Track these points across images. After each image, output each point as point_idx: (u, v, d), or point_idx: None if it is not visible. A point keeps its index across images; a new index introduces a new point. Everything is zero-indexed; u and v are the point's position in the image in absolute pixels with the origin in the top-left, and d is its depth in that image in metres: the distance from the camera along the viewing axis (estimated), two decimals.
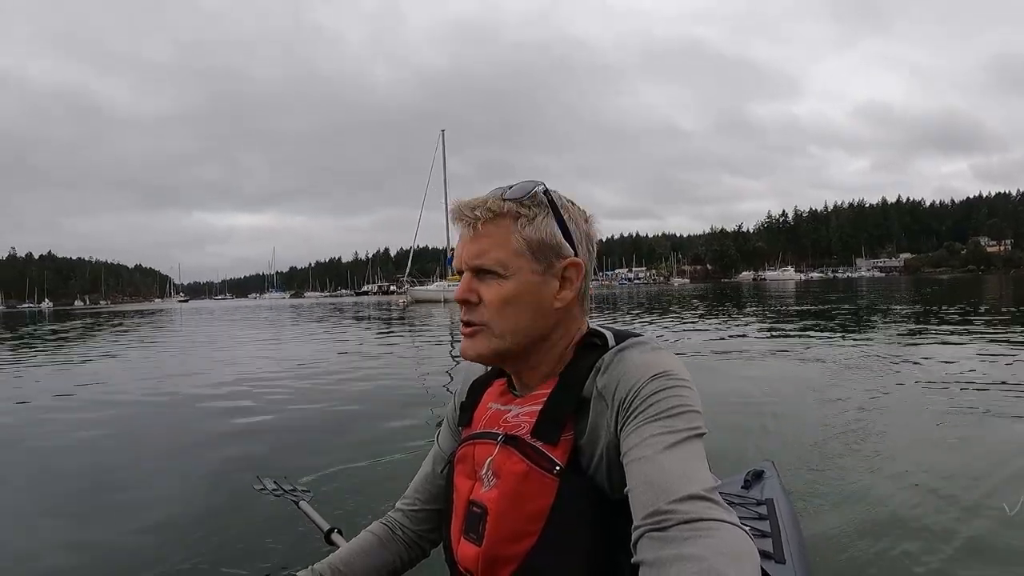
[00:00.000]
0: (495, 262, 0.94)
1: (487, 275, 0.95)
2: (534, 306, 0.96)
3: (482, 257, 0.95)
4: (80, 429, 4.61)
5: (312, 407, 5.22)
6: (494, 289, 0.95)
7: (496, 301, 0.95)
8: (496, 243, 0.95)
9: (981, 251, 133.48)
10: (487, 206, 0.95)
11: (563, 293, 0.97)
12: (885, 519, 2.48)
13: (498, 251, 0.94)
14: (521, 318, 0.96)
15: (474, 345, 0.98)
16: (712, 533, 0.70)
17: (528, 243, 0.95)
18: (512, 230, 0.95)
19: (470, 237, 0.97)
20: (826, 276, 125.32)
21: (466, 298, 0.97)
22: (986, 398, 4.69)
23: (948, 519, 2.47)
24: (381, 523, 1.20)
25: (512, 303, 0.95)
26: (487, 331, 0.96)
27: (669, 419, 0.83)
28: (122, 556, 2.37)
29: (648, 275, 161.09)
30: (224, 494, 3.01)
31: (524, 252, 0.95)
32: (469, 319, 0.98)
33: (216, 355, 10.45)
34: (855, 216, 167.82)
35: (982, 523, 2.41)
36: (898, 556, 2.18)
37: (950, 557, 2.17)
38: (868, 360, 6.84)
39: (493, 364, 1.04)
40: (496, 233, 0.95)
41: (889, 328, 10.78)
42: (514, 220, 0.95)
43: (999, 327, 10.11)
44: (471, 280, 0.97)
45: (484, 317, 0.96)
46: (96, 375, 8.02)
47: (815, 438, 3.61)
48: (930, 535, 2.33)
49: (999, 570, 2.10)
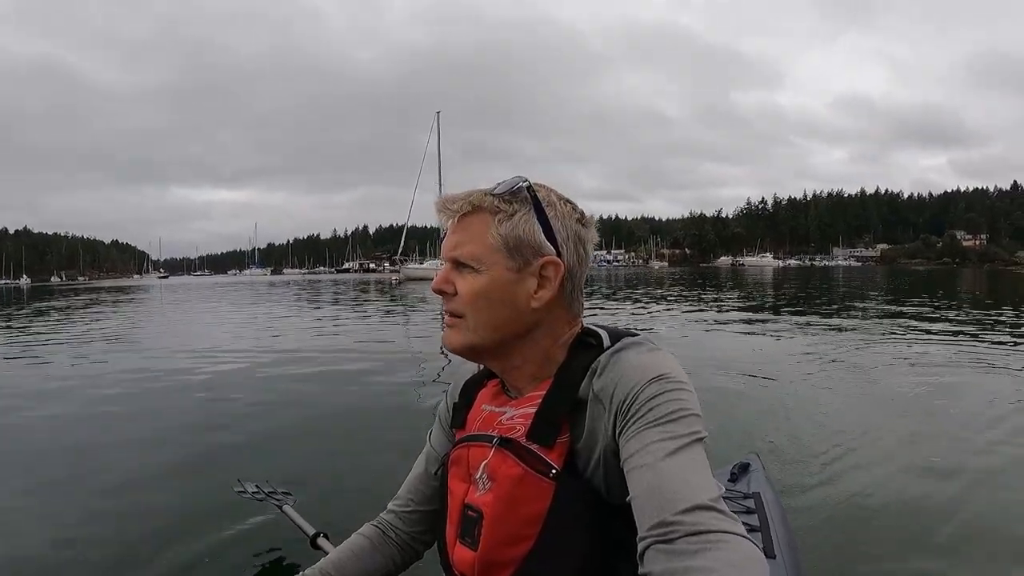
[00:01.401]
0: (469, 255, 0.94)
1: (463, 267, 0.95)
2: (508, 303, 0.94)
3: (458, 249, 0.95)
4: (53, 423, 4.44)
5: (294, 402, 4.94)
6: (468, 282, 0.95)
7: (468, 294, 0.95)
8: (472, 237, 0.95)
9: (957, 245, 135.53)
10: (469, 200, 0.95)
11: (540, 292, 0.95)
12: (870, 510, 2.50)
13: (473, 245, 0.94)
14: (494, 314, 0.94)
15: (451, 336, 0.98)
16: (720, 546, 0.69)
17: (504, 239, 0.94)
18: (489, 224, 0.94)
19: (451, 229, 0.97)
20: (803, 264, 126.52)
21: (441, 288, 0.97)
22: (961, 381, 4.83)
23: (934, 506, 2.52)
24: (372, 525, 1.17)
25: (484, 297, 0.94)
26: (463, 324, 0.96)
27: (669, 424, 0.82)
28: (89, 569, 2.22)
29: (627, 258, 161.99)
30: (202, 499, 2.81)
31: (500, 248, 0.94)
32: (449, 309, 0.98)
33: (199, 340, 9.96)
34: (833, 205, 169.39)
35: (969, 509, 2.47)
36: (885, 548, 2.20)
37: (938, 545, 2.21)
38: (848, 348, 6.94)
39: (469, 359, 1.04)
40: (473, 227, 0.95)
41: (870, 316, 10.93)
42: (492, 215, 0.94)
43: (978, 318, 10.30)
44: (449, 271, 0.97)
45: (458, 308, 0.96)
46: (66, 363, 7.65)
47: (796, 429, 3.65)
48: (916, 525, 2.37)
49: (985, 556, 2.15)
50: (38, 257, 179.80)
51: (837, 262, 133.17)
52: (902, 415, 3.91)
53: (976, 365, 5.72)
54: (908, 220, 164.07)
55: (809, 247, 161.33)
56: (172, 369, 6.53)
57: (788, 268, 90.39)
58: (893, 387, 4.72)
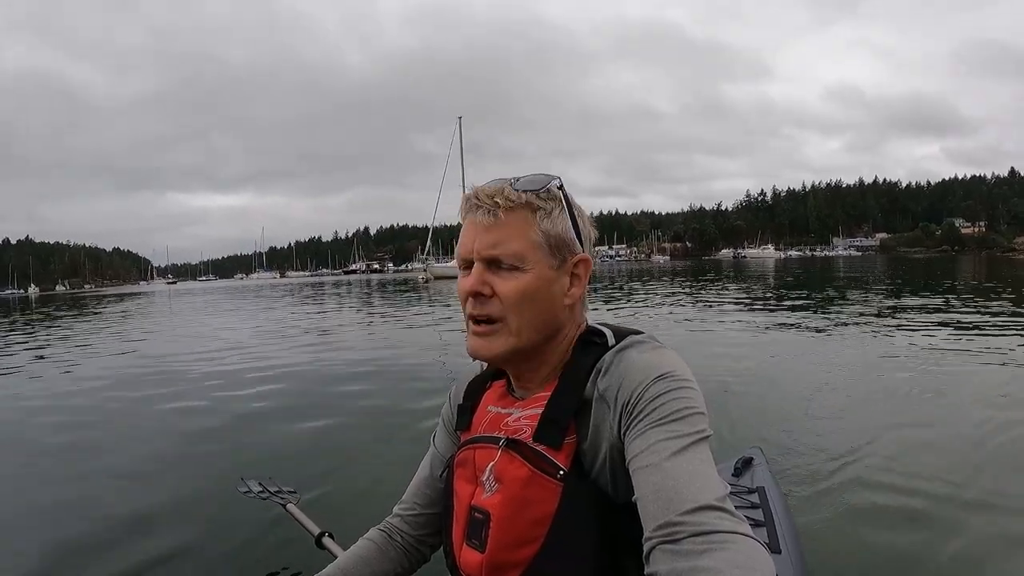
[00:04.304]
0: (513, 254, 0.91)
1: (502, 267, 0.92)
2: (549, 303, 0.94)
3: (499, 247, 0.91)
4: (57, 423, 4.47)
5: (300, 401, 4.90)
6: (511, 283, 0.91)
7: (513, 295, 0.91)
8: (514, 234, 0.91)
9: (955, 232, 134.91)
10: (505, 195, 0.91)
11: (572, 290, 0.96)
12: (874, 504, 2.50)
13: (516, 243, 0.91)
14: (537, 315, 0.93)
15: (490, 344, 0.94)
16: (726, 546, 0.68)
17: (547, 236, 0.93)
18: (531, 222, 0.92)
19: (486, 226, 0.92)
20: (804, 254, 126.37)
21: (479, 291, 0.92)
22: (965, 375, 4.82)
23: (940, 499, 2.52)
24: (378, 529, 1.17)
25: (529, 298, 0.91)
26: (504, 328, 0.93)
27: (674, 423, 0.81)
28: (90, 567, 2.21)
29: (629, 252, 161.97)
30: (205, 497, 2.81)
31: (543, 245, 0.92)
32: (481, 313, 0.93)
33: (214, 341, 9.91)
34: (832, 196, 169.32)
35: (970, 506, 2.45)
36: (890, 542, 2.20)
37: (945, 538, 2.20)
38: (855, 341, 6.93)
39: (504, 365, 1.01)
40: (515, 224, 0.91)
41: (874, 306, 10.91)
42: (532, 212, 0.92)
43: (978, 305, 10.29)
44: (484, 272, 0.92)
45: (498, 312, 0.92)
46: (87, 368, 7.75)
47: (800, 422, 3.65)
48: (922, 519, 2.36)
49: (985, 552, 2.14)
50: (41, 266, 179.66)
51: (837, 252, 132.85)
52: (907, 409, 3.88)
53: (983, 355, 5.66)
54: (907, 209, 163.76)
55: (809, 237, 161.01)
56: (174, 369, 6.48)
57: (789, 259, 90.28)
58: (899, 381, 4.68)
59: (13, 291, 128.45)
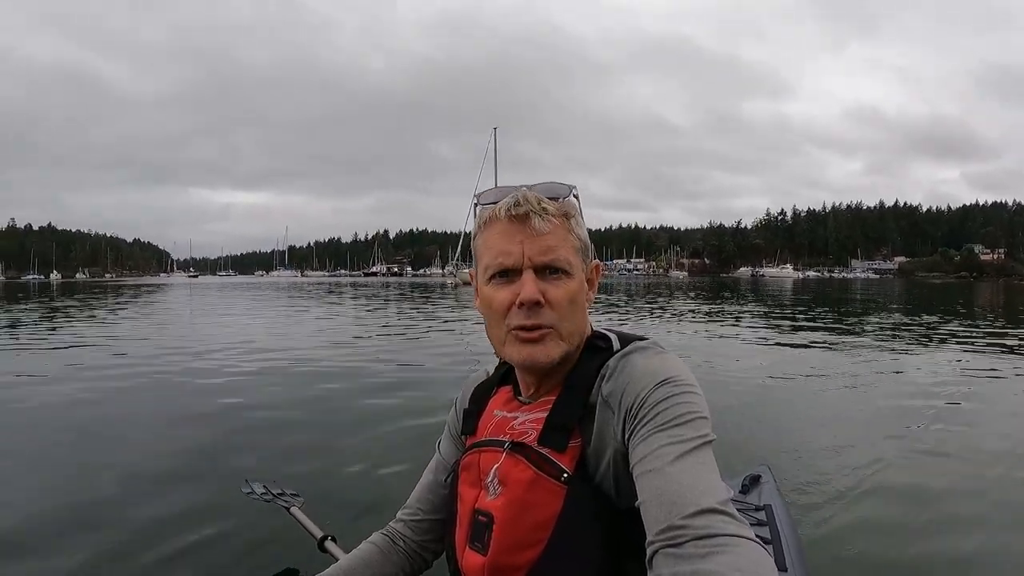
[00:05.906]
0: (565, 260, 0.92)
1: (549, 274, 0.92)
2: (583, 308, 0.96)
3: (552, 254, 0.91)
4: (67, 413, 4.48)
5: (306, 404, 4.82)
6: (562, 289, 0.92)
7: (564, 301, 0.92)
8: (562, 240, 0.92)
9: (975, 258, 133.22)
10: (557, 202, 0.94)
11: (590, 294, 0.98)
12: (882, 525, 2.49)
13: (565, 249, 0.92)
14: (578, 320, 0.95)
15: (548, 350, 0.92)
16: (728, 549, 0.68)
17: (582, 243, 0.95)
18: (570, 228, 0.94)
19: (540, 232, 0.91)
20: (822, 275, 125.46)
21: (538, 299, 0.90)
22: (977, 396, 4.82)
23: (948, 523, 2.50)
24: (381, 534, 1.17)
25: (574, 303, 0.93)
26: (555, 334, 0.92)
27: (677, 428, 0.81)
28: (90, 567, 2.17)
29: (647, 267, 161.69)
30: (209, 499, 2.75)
31: (580, 251, 0.95)
32: (537, 323, 0.91)
33: (237, 336, 9.82)
34: (852, 218, 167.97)
35: (979, 529, 2.44)
36: (894, 565, 2.19)
37: (952, 561, 2.20)
38: (867, 362, 6.87)
39: (545, 370, 0.97)
40: (560, 231, 0.92)
41: (888, 329, 10.83)
42: (568, 219, 0.94)
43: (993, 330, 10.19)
44: (537, 279, 0.91)
45: (549, 319, 0.91)
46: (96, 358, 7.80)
47: (809, 442, 3.62)
48: (929, 542, 2.35)
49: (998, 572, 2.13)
50: (62, 254, 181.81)
51: (856, 274, 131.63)
52: (918, 431, 3.87)
53: (998, 381, 5.65)
54: (927, 233, 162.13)
55: (827, 258, 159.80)
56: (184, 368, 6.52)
57: (807, 280, 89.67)
58: (911, 402, 4.67)
59: (35, 276, 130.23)
